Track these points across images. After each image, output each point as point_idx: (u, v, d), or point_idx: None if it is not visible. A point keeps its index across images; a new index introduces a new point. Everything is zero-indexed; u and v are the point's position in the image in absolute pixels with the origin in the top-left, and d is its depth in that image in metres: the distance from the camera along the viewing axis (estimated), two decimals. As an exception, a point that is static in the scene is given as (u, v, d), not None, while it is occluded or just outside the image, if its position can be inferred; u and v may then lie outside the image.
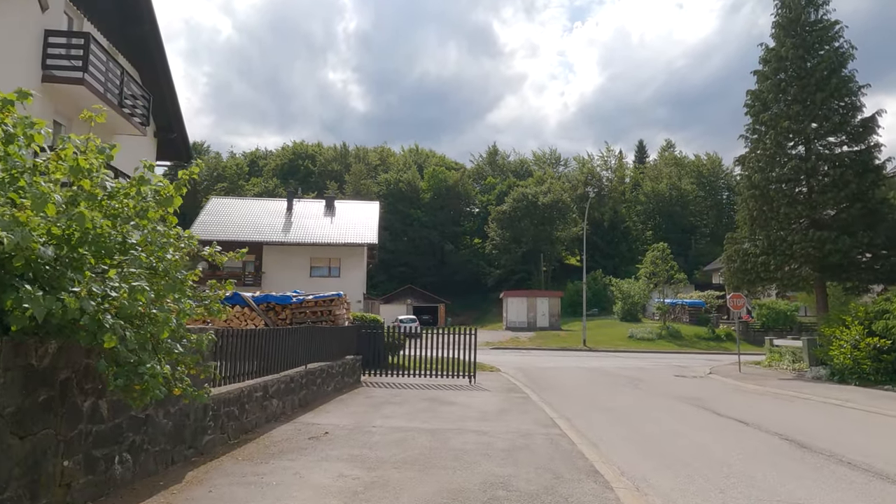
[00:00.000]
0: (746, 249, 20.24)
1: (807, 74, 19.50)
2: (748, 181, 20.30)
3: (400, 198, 74.05)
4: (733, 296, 20.12)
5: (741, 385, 16.89)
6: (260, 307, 13.17)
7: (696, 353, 33.61)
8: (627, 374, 19.55)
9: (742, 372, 19.98)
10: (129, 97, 17.23)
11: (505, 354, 29.71)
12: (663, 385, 16.57)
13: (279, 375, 8.84)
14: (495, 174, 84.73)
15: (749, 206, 20.17)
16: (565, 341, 37.28)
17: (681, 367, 23.68)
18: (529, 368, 21.38)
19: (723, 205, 79.22)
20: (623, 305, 46.71)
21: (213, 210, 44.39)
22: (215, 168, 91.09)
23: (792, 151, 19.85)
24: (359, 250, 42.08)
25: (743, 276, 20.14)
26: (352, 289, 41.61)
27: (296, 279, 40.72)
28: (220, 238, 40.64)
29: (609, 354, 31.28)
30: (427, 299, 60.40)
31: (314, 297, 13.47)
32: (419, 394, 12.43)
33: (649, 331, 37.89)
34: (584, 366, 23.18)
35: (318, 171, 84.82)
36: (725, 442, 8.29)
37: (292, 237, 41.36)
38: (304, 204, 47.02)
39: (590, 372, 20.30)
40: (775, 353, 21.54)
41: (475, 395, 12.66)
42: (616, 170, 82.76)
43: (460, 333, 15.28)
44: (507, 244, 64.14)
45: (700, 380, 18.60)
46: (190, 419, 6.04)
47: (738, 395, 14.72)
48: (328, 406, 10.09)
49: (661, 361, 26.70)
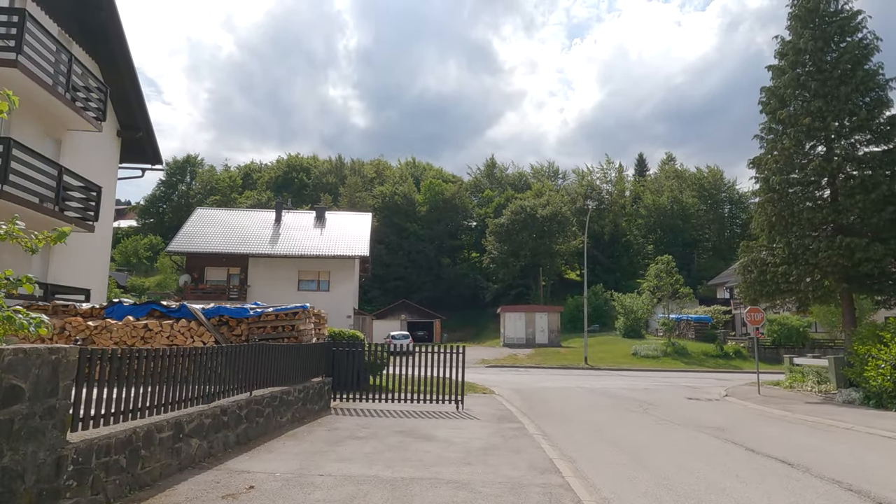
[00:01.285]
0: (764, 259, 18.43)
1: (828, 68, 17.86)
2: (765, 184, 18.55)
3: (396, 211, 72.35)
4: (750, 310, 18.26)
5: (765, 410, 14.96)
6: (211, 321, 11.31)
7: (705, 371, 31.64)
8: (635, 396, 17.62)
9: (762, 394, 18.05)
10: (83, 89, 15.54)
11: (501, 373, 27.76)
12: (677, 410, 14.64)
13: (204, 407, 6.96)
14: (493, 187, 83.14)
15: (767, 210, 18.38)
16: (565, 359, 35.29)
17: (691, 387, 21.75)
18: (527, 390, 19.44)
19: (725, 219, 77.66)
20: (625, 321, 44.76)
21: (198, 221, 42.60)
22: (208, 181, 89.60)
23: (813, 151, 18.14)
24: (349, 263, 40.27)
25: (761, 287, 18.29)
26: (342, 303, 39.84)
27: (283, 293, 38.90)
28: (204, 250, 38.91)
29: (612, 373, 29.31)
30: (422, 315, 58.42)
31: (274, 311, 11.60)
32: (394, 424, 10.52)
33: (654, 348, 35.93)
34: (587, 386, 21.24)
35: (313, 183, 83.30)
36: (779, 498, 6.40)
37: (280, 249, 39.55)
38: (294, 215, 45.27)
39: (593, 394, 18.36)
40: (796, 372, 19.63)
41: (461, 425, 10.75)
42: (616, 182, 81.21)
43: (446, 352, 13.39)
44: (505, 258, 62.27)
45: (716, 403, 16.67)
46: (26, 480, 4.16)
47: (766, 423, 12.79)
48: (275, 443, 8.19)
49: (668, 381, 24.76)
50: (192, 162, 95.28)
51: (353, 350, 13.49)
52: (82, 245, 16.30)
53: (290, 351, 10.40)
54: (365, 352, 14.16)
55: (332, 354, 13.25)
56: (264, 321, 11.48)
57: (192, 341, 10.85)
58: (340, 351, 13.40)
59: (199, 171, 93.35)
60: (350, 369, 13.32)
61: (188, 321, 11.00)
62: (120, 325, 10.68)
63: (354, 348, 13.61)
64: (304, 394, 10.63)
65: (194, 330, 10.93)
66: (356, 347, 13.73)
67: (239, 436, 7.78)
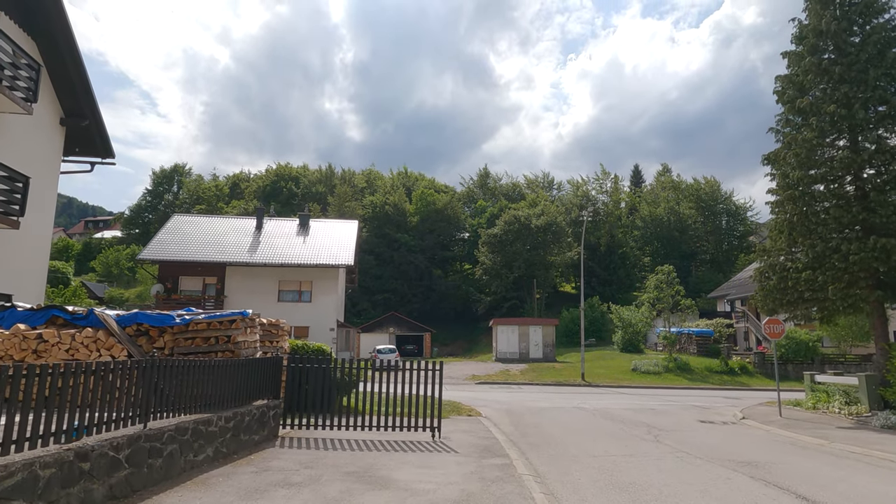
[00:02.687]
0: (784, 264, 16.42)
1: (853, 51, 16.04)
2: (783, 180, 16.60)
3: (386, 221, 70.32)
4: (769, 321, 16.22)
5: (795, 437, 12.85)
6: (126, 331, 9.15)
7: (711, 388, 29.51)
8: (641, 419, 15.48)
9: (784, 417, 15.95)
10: (8, 65, 13.47)
11: (492, 391, 25.54)
12: (692, 437, 12.52)
13: (42, 454, 4.80)
14: (486, 197, 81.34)
15: (787, 209, 16.42)
16: (561, 375, 33.10)
17: (701, 408, 19.63)
18: (518, 410, 17.26)
19: (722, 231, 76.06)
20: (623, 335, 42.64)
21: (174, 228, 40.39)
22: (195, 191, 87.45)
23: (839, 142, 16.23)
24: (333, 273, 38.11)
25: (781, 296, 16.27)
26: (325, 315, 37.59)
27: (263, 304, 36.66)
28: (178, 258, 36.62)
29: (612, 391, 27.13)
30: (412, 328, 56.13)
31: (206, 318, 9.43)
32: (348, 461, 8.35)
33: (655, 363, 33.80)
34: (586, 406, 19.08)
35: (302, 193, 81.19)
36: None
37: (259, 258, 37.35)
38: (276, 223, 43.12)
39: (593, 416, 16.20)
40: (819, 391, 17.55)
41: (432, 462, 8.59)
42: (612, 193, 79.54)
43: (421, 369, 11.24)
44: (499, 269, 60.15)
45: (734, 428, 14.55)
46: None
47: (805, 456, 10.67)
48: (168, 496, 6.01)
49: (673, 400, 22.63)
50: (179, 171, 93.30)
51: (318, 367, 11.29)
52: (4, 243, 14.13)
53: (219, 368, 8.24)
54: (333, 368, 11.94)
55: (292, 372, 11.09)
56: (193, 331, 9.33)
57: (98, 355, 8.69)
58: (301, 368, 11.22)
59: (185, 181, 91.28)
60: (315, 389, 11.12)
61: (95, 330, 8.83)
62: (6, 336, 8.51)
63: (319, 365, 11.40)
64: (235, 422, 8.45)
65: (102, 341, 8.76)
66: (322, 364, 11.52)
67: (113, 488, 5.60)
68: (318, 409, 11.03)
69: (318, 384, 11.20)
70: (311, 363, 11.33)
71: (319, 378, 11.26)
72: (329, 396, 11.40)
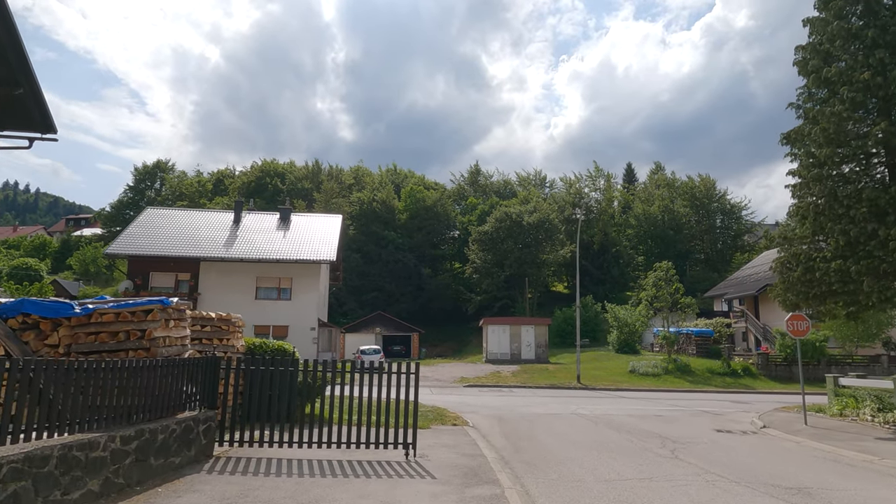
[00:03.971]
0: (809, 252, 14.60)
1: (888, 12, 14.29)
2: (808, 159, 14.79)
3: (374, 218, 68.20)
4: (792, 317, 14.39)
5: (834, 452, 10.99)
6: (9, 323, 7.11)
7: (714, 391, 27.74)
8: (650, 428, 13.59)
9: (810, 425, 14.12)
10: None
11: (482, 395, 23.59)
12: (714, 451, 10.63)
13: None
14: (477, 195, 79.43)
15: (812, 192, 14.61)
16: (555, 377, 31.21)
17: (711, 413, 17.78)
18: (511, 418, 15.32)
19: (717, 230, 74.63)
20: (619, 335, 40.83)
21: (147, 221, 38.16)
22: (177, 187, 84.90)
23: (871, 116, 14.45)
24: (315, 269, 36.00)
25: (806, 289, 14.43)
26: (305, 314, 35.46)
27: (239, 302, 34.48)
28: (150, 252, 34.29)
29: (611, 394, 25.27)
30: (399, 328, 54.07)
31: (115, 307, 7.40)
32: (287, 495, 6.35)
33: (654, 365, 31.99)
34: (585, 412, 17.18)
35: (288, 189, 78.81)
36: None
37: (236, 252, 35.17)
38: (255, 216, 40.93)
39: (595, 425, 14.28)
40: (844, 396, 15.74)
41: (399, 496, 6.61)
42: (605, 191, 77.89)
43: (392, 372, 9.27)
44: (489, 267, 58.20)
45: (759, 439, 12.69)
46: None
47: (856, 478, 8.79)
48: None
49: (678, 405, 20.80)
50: (162, 168, 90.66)
51: (277, 369, 9.28)
52: None
53: (119, 370, 6.23)
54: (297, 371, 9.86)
55: (248, 376, 9.07)
56: (97, 324, 7.30)
57: (-37, 355, 6.64)
58: (255, 371, 9.20)
59: (168, 177, 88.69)
60: (273, 395, 9.10)
61: (-37, 323, 6.79)
62: None
63: (278, 367, 9.37)
64: (141, 442, 6.42)
65: (-30, 337, 6.71)
66: (282, 366, 9.46)
67: None
68: (274, 420, 9.03)
69: (279, 389, 9.19)
70: (266, 365, 9.31)
71: (278, 383, 9.25)
72: (290, 404, 9.39)
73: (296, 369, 9.64)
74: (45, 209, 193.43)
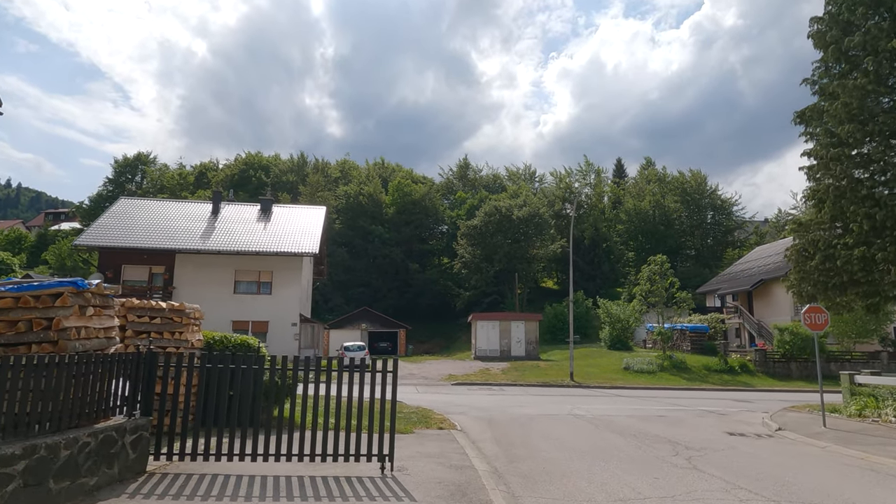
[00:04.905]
0: (829, 239, 13.41)
1: (914, -24, 13.12)
2: (827, 138, 13.60)
3: (361, 212, 66.60)
4: (810, 309, 13.19)
5: (868, 459, 9.76)
6: None
7: (712, 390, 26.63)
8: (655, 431, 12.32)
9: (829, 427, 12.94)
10: None
11: (470, 393, 22.27)
12: (737, 460, 9.36)
13: None
14: (466, 189, 78.00)
15: (833, 172, 13.42)
16: (546, 374, 29.97)
17: (717, 414, 16.58)
18: (503, 420, 13.98)
19: (707, 226, 73.87)
20: (611, 331, 39.71)
21: (120, 212, 36.42)
22: (159, 180, 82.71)
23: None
24: (296, 262, 34.51)
25: (826, 278, 13.26)
26: (286, 309, 33.94)
27: (217, 296, 33.00)
28: (122, 244, 32.40)
29: (606, 393, 24.06)
30: (386, 324, 52.61)
31: (15, 289, 5.93)
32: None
33: (648, 361, 30.87)
34: (582, 412, 15.90)
35: (272, 182, 76.87)
36: None
37: (213, 244, 33.57)
38: (235, 208, 39.29)
39: (596, 427, 12.99)
40: (864, 395, 14.59)
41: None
42: (595, 185, 76.85)
43: (366, 370, 7.88)
44: (478, 262, 56.85)
45: (779, 444, 11.45)
46: None
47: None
48: None
49: (679, 403, 19.62)
50: (143, 160, 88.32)
51: (239, 367, 7.81)
52: None
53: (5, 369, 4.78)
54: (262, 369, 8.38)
55: (205, 374, 7.63)
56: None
57: None
58: (212, 368, 7.74)
59: (149, 170, 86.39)
60: (234, 396, 7.67)
61: None
62: None
63: (239, 364, 7.88)
64: (33, 462, 4.97)
65: None
66: (244, 364, 7.95)
67: None
68: (234, 426, 7.60)
69: (241, 390, 7.76)
70: (225, 362, 7.86)
71: (240, 382, 7.82)
72: (254, 407, 7.95)
73: (261, 367, 8.21)
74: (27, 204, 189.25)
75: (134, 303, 10.02)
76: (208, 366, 7.77)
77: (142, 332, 9.96)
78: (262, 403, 8.61)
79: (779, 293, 40.36)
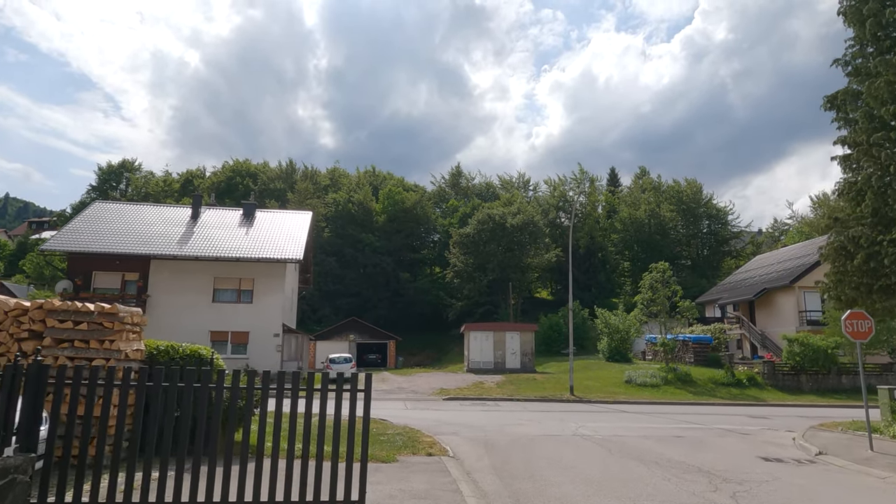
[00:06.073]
0: (872, 236, 11.84)
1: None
2: (866, 122, 12.08)
3: (350, 220, 64.82)
4: (852, 315, 11.56)
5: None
6: None
7: (721, 404, 24.93)
8: (679, 457, 10.58)
9: (877, 450, 11.26)
10: None
11: (464, 410, 20.44)
12: (789, 497, 7.66)
13: None
14: (459, 197, 76.47)
15: (875, 158, 11.86)
16: (544, 388, 28.17)
17: (738, 433, 14.87)
18: (501, 442, 12.19)
19: (703, 235, 72.67)
20: (610, 342, 38.01)
21: (93, 216, 34.49)
22: (143, 187, 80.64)
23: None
24: (280, 269, 32.65)
25: (870, 280, 11.66)
26: (269, 319, 31.93)
27: (194, 305, 31.14)
28: (93, 249, 30.24)
29: (609, 408, 22.30)
30: (375, 335, 50.70)
31: None
32: None
33: (652, 374, 29.17)
34: (589, 432, 14.15)
35: (260, 189, 74.99)
36: None
37: (191, 250, 31.70)
38: (215, 212, 37.43)
39: (609, 452, 11.23)
40: (906, 412, 12.97)
41: None
42: (590, 194, 75.55)
43: (333, 388, 6.11)
44: (471, 271, 55.11)
45: (826, 472, 9.76)
46: None
47: None
48: None
49: (693, 420, 17.92)
50: (128, 167, 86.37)
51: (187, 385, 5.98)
52: None
53: None
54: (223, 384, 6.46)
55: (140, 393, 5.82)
56: None
57: None
58: (154, 386, 5.93)
59: (134, 177, 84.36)
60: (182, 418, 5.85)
61: None
62: None
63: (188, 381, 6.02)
64: None
65: None
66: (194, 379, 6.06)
67: None
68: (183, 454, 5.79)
69: (191, 410, 5.96)
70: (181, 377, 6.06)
71: (190, 401, 6.02)
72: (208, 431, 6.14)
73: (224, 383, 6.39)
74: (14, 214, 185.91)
75: (54, 304, 8.24)
76: (146, 383, 5.96)
77: (63, 340, 8.17)
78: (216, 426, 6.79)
79: (783, 302, 38.89)
